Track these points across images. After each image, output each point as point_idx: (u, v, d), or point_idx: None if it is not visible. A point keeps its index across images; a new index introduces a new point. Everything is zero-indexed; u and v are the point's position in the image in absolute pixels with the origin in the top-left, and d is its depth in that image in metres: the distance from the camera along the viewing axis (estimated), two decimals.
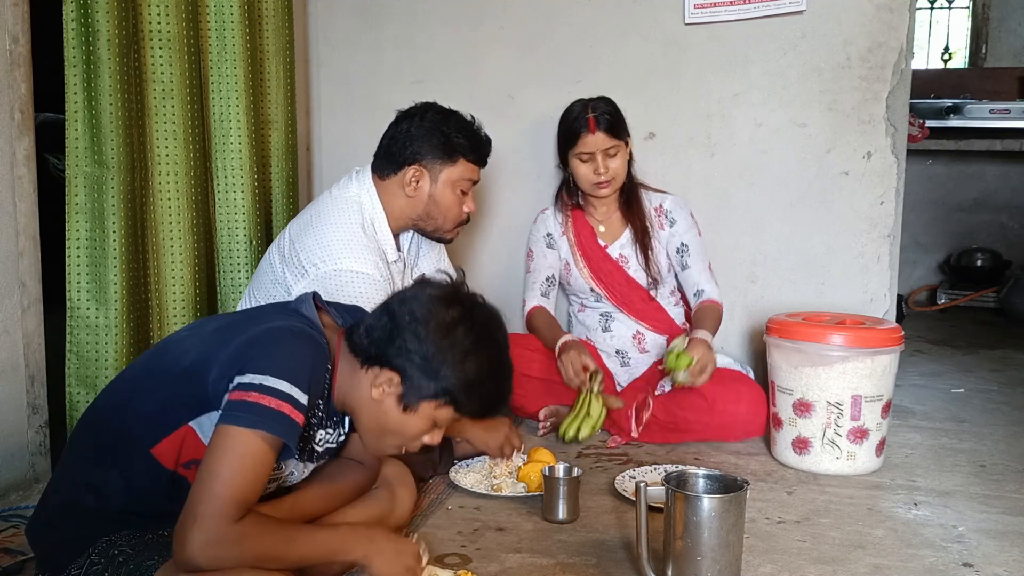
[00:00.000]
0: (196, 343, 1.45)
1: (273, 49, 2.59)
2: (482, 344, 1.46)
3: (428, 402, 1.46)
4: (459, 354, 1.43)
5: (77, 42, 2.06)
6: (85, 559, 1.38)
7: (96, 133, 2.10)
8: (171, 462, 1.40)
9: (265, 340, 1.37)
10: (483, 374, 1.46)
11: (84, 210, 2.11)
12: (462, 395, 1.45)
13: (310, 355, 1.40)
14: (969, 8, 5.65)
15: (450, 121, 2.16)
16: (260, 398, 1.31)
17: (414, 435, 1.50)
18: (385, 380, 1.45)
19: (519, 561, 1.77)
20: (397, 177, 2.15)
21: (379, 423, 1.49)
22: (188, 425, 1.38)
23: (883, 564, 1.78)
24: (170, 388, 1.41)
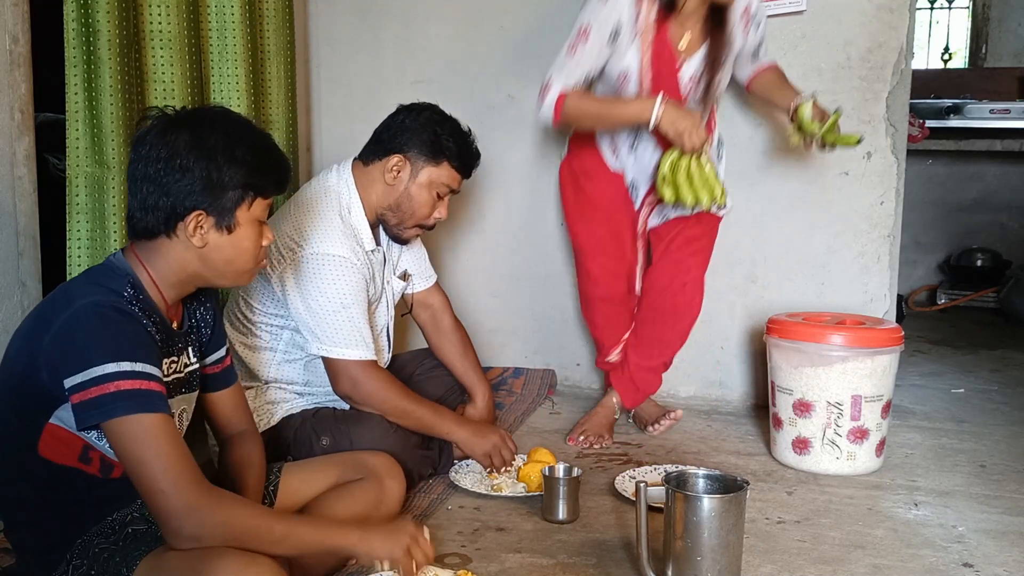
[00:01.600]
0: (18, 345, 1.42)
1: (274, 49, 2.59)
2: (234, 130, 1.47)
3: (241, 210, 1.46)
4: (223, 151, 1.43)
5: (78, 42, 2.06)
6: (66, 565, 1.38)
7: (97, 133, 2.10)
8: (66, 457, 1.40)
9: (71, 331, 1.33)
10: (257, 150, 1.47)
11: (85, 210, 2.11)
12: (256, 179, 1.46)
13: (116, 323, 1.35)
14: (969, 8, 5.65)
15: (445, 124, 2.17)
16: (99, 390, 1.29)
17: (252, 248, 1.50)
18: (194, 225, 1.44)
19: (519, 561, 1.77)
20: (380, 163, 2.15)
21: (223, 259, 1.48)
22: (49, 423, 1.38)
23: (883, 564, 1.78)
24: (16, 394, 1.40)
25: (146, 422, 1.30)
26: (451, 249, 3.19)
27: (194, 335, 1.60)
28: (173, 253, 1.46)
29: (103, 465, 1.42)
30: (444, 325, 2.44)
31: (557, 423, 2.73)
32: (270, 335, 2.11)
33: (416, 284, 2.40)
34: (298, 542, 1.37)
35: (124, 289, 1.42)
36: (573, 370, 3.15)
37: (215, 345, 1.66)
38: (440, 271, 2.53)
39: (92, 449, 1.40)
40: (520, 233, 3.15)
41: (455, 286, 3.12)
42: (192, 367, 1.58)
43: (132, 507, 1.46)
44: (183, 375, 1.55)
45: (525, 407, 2.84)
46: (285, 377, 2.13)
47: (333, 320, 2.02)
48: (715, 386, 2.98)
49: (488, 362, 3.06)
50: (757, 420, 2.75)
